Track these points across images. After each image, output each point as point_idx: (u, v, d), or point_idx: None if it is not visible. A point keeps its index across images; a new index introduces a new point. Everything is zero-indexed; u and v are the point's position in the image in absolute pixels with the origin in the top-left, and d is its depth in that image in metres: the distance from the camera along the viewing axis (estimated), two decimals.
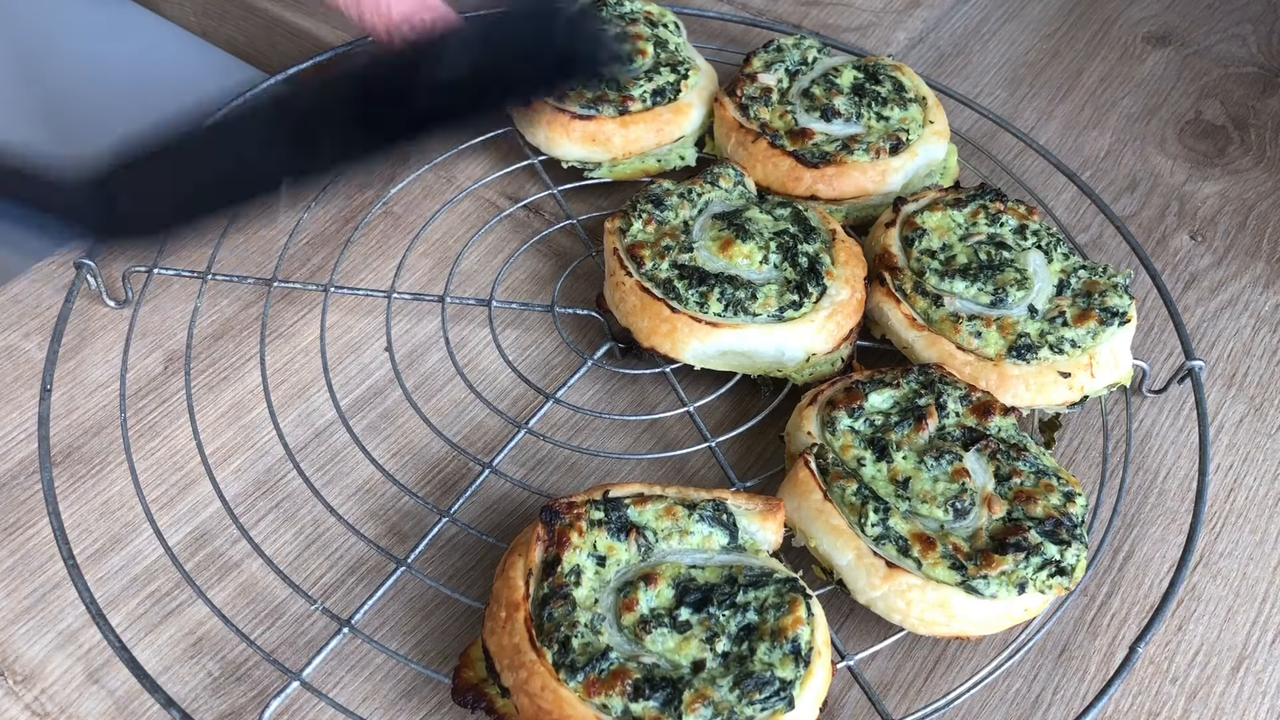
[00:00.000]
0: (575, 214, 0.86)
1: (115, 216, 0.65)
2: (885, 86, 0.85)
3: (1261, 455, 0.78)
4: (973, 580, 0.60)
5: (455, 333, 0.80)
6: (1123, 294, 0.73)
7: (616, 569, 0.59)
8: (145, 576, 0.67)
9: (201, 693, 0.62)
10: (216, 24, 1.13)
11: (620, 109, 0.84)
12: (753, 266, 0.73)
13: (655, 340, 0.72)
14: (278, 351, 0.78)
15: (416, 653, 0.65)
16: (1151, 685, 0.66)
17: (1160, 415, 0.79)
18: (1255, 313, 0.86)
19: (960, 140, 0.94)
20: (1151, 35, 1.10)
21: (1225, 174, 0.97)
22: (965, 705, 0.65)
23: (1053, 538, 0.61)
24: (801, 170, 0.81)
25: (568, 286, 0.83)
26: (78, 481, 0.71)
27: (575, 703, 0.54)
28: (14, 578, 0.66)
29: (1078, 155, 0.98)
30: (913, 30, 1.09)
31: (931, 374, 0.69)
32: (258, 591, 0.67)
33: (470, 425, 0.75)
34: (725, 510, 0.62)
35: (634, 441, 0.76)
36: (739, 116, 0.85)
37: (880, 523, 0.62)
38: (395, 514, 0.71)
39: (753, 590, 0.58)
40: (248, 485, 0.71)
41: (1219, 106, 1.03)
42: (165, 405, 0.75)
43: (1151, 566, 0.71)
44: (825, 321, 0.72)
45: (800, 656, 0.55)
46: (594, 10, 0.89)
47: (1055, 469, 0.66)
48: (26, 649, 0.64)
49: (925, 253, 0.76)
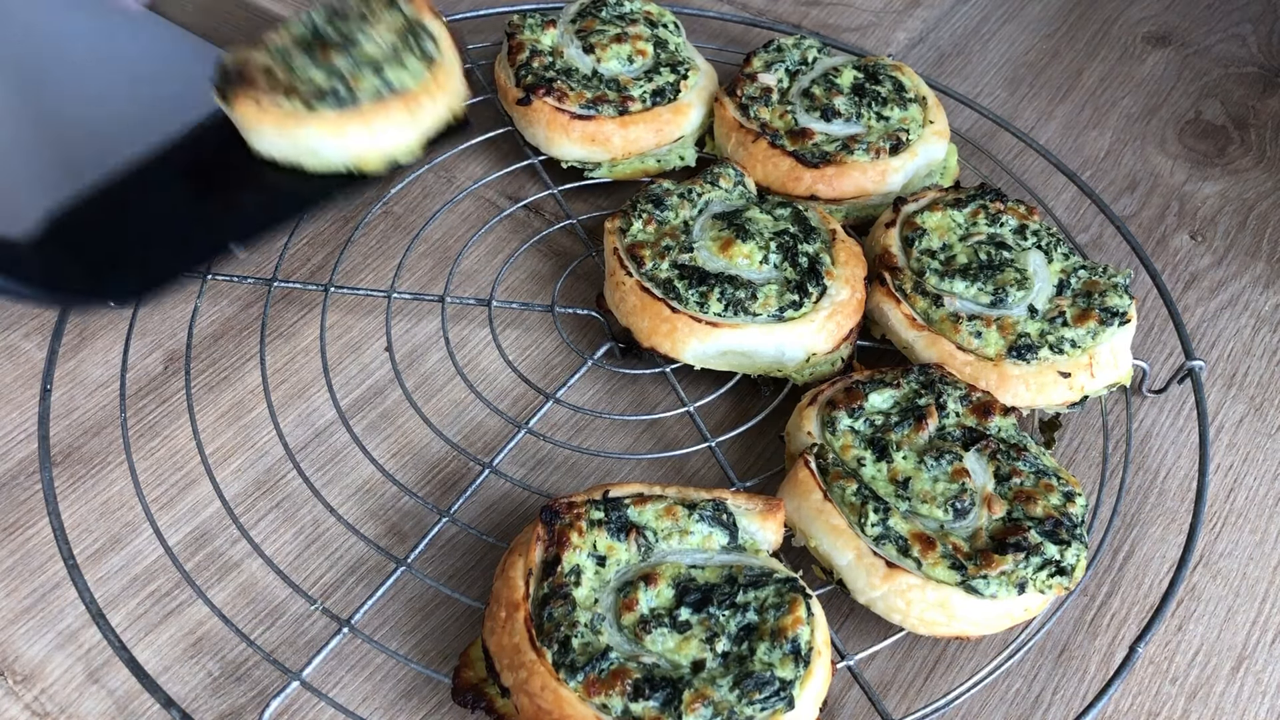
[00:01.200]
0: (575, 214, 0.86)
1: (70, 278, 0.67)
2: (885, 86, 0.85)
3: (1261, 455, 0.78)
4: (973, 580, 0.60)
5: (455, 333, 0.80)
6: (1123, 294, 0.73)
7: (616, 569, 0.59)
8: (145, 576, 0.67)
9: (201, 693, 0.62)
10: (216, 24, 1.13)
11: (620, 109, 0.84)
12: (753, 266, 0.73)
13: (655, 340, 0.72)
14: (278, 351, 0.78)
15: (416, 653, 0.65)
16: (1151, 685, 0.66)
17: (1160, 415, 0.79)
18: (1255, 313, 0.86)
19: (960, 140, 0.94)
20: (1151, 35, 1.10)
21: (1225, 174, 0.97)
22: (965, 705, 0.65)
23: (1053, 538, 0.61)
24: (801, 170, 0.81)
25: (568, 286, 0.83)
26: (78, 481, 0.71)
27: (575, 703, 0.54)
28: (14, 578, 0.66)
29: (1078, 155, 0.98)
30: (913, 30, 1.09)
31: (931, 374, 0.69)
32: (258, 591, 0.67)
33: (470, 425, 0.75)
34: (725, 510, 0.62)
35: (634, 441, 0.76)
36: (739, 116, 0.85)
37: (880, 523, 0.62)
38: (395, 514, 0.71)
39: (753, 590, 0.58)
40: (248, 485, 0.71)
41: (1219, 106, 1.03)
42: (165, 405, 0.75)
43: (1151, 566, 0.71)
44: (825, 321, 0.72)
45: (800, 656, 0.55)
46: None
47: (1055, 469, 0.66)
48: (26, 649, 0.64)
49: (925, 253, 0.76)
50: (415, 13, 0.83)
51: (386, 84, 0.77)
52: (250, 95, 0.75)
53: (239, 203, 0.76)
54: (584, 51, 0.87)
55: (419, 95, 0.78)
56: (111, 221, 0.75)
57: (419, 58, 0.80)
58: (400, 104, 0.77)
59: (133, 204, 0.76)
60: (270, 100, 0.75)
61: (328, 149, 0.76)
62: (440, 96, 0.79)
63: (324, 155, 0.76)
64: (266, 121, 0.75)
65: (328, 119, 0.75)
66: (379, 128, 0.76)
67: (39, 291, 0.69)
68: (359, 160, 0.77)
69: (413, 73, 0.79)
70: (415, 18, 0.82)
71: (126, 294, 0.71)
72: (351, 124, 0.76)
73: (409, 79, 0.78)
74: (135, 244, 0.73)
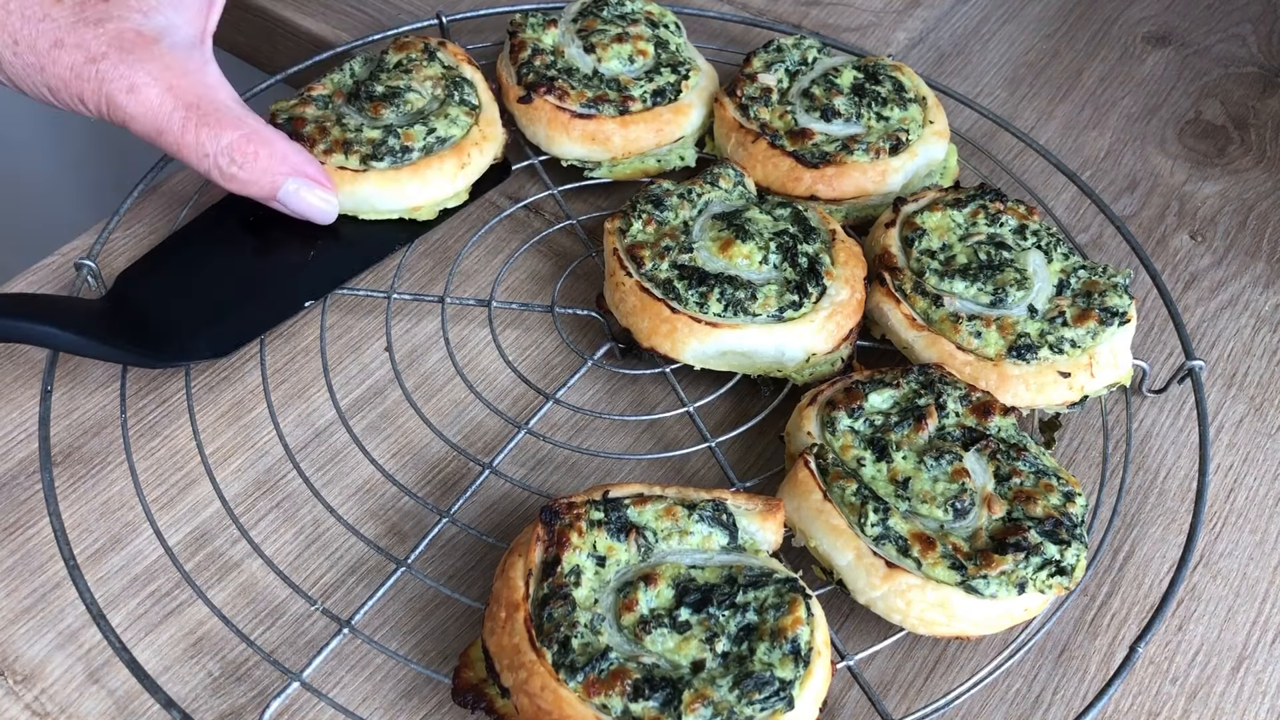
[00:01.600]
0: (575, 214, 0.86)
1: (142, 337, 0.70)
2: (885, 86, 0.85)
3: (1261, 455, 0.78)
4: (973, 580, 0.60)
5: (455, 333, 0.80)
6: (1122, 294, 0.73)
7: (616, 569, 0.59)
8: (145, 576, 0.67)
9: (201, 693, 0.62)
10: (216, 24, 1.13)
11: (620, 109, 0.84)
12: (753, 267, 0.73)
13: (655, 340, 0.72)
14: (278, 351, 0.78)
15: (416, 653, 0.65)
16: (1151, 685, 0.66)
17: (1160, 415, 0.79)
18: (1255, 313, 0.86)
19: (960, 140, 0.94)
20: (1151, 35, 1.10)
21: (1225, 174, 0.97)
22: (965, 705, 0.65)
23: (1053, 538, 0.61)
24: (801, 170, 0.81)
25: (568, 286, 0.83)
26: (78, 481, 0.71)
27: (575, 703, 0.54)
28: (14, 578, 0.66)
29: (1078, 155, 0.98)
30: (913, 30, 1.09)
31: (931, 374, 0.69)
32: (258, 591, 0.67)
33: (470, 425, 0.75)
34: (725, 510, 0.62)
35: (634, 441, 0.76)
36: (739, 117, 0.85)
37: (880, 523, 0.62)
38: (395, 514, 0.71)
39: (752, 590, 0.58)
40: (248, 485, 0.71)
41: (1219, 106, 1.03)
42: (165, 405, 0.75)
43: (1151, 566, 0.71)
44: (825, 321, 0.72)
45: (800, 656, 0.55)
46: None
47: (1055, 469, 0.66)
48: (26, 649, 0.64)
49: (925, 253, 0.76)
50: (453, 60, 0.85)
51: (436, 135, 0.80)
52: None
53: (305, 258, 0.78)
54: (585, 51, 0.87)
55: (467, 146, 0.81)
56: (181, 279, 0.77)
57: (463, 108, 0.82)
58: (453, 156, 0.80)
59: (200, 261, 0.78)
60: (326, 158, 0.78)
61: (383, 201, 0.79)
62: (486, 146, 0.82)
63: (379, 206, 0.79)
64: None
65: (384, 175, 0.78)
66: (432, 179, 0.79)
67: (112, 350, 0.70)
68: (412, 210, 0.80)
69: (458, 123, 0.81)
70: (454, 66, 0.85)
71: (203, 354, 0.74)
72: (406, 178, 0.78)
73: (456, 129, 0.81)
74: (207, 303, 0.76)
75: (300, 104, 0.82)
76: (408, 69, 0.83)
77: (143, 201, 0.86)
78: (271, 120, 0.80)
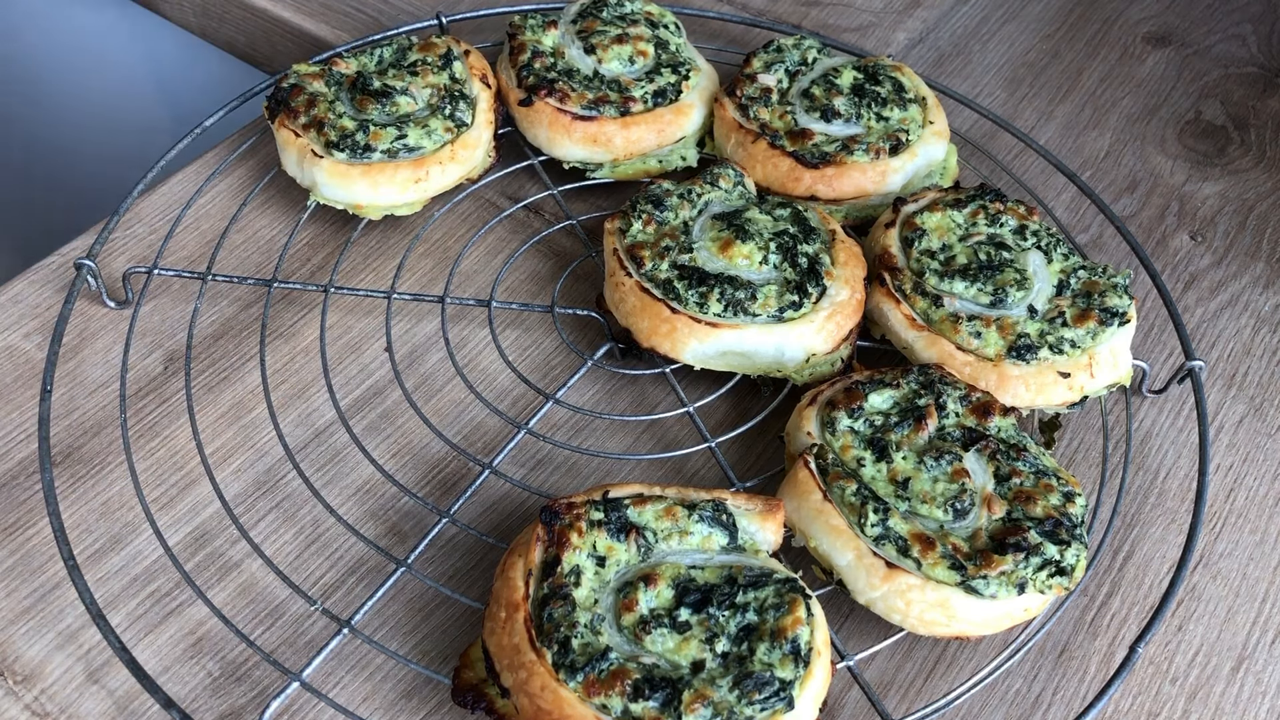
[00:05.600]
0: (575, 214, 0.86)
1: None
2: (885, 87, 0.85)
3: (1261, 455, 0.78)
4: (972, 580, 0.60)
5: (455, 333, 0.80)
6: (1122, 294, 0.73)
7: (616, 569, 0.59)
8: (145, 576, 0.67)
9: (201, 693, 0.62)
10: (216, 24, 1.13)
11: (622, 110, 0.84)
12: (752, 267, 0.73)
13: (655, 340, 0.72)
14: (278, 352, 0.78)
15: (416, 653, 0.65)
16: (1151, 685, 0.66)
17: (1160, 415, 0.79)
18: (1255, 313, 0.86)
19: (960, 140, 0.94)
20: (1151, 35, 1.10)
21: (1225, 174, 0.97)
22: (965, 705, 0.65)
23: (1052, 538, 0.61)
24: (801, 171, 0.81)
25: (568, 287, 0.83)
26: (78, 481, 0.71)
27: (575, 703, 0.54)
28: (14, 578, 0.66)
29: (1078, 155, 0.98)
30: (913, 30, 1.09)
31: (931, 374, 0.69)
32: (258, 591, 0.67)
33: (470, 425, 0.75)
34: (725, 511, 0.62)
35: (634, 442, 0.76)
36: (739, 117, 0.85)
37: (880, 523, 0.62)
38: (395, 514, 0.71)
39: (752, 590, 0.58)
40: (248, 485, 0.71)
41: (1219, 106, 1.03)
42: (165, 405, 0.75)
43: (1151, 566, 0.71)
44: (825, 322, 0.72)
45: (800, 657, 0.55)
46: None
47: (1055, 469, 0.66)
48: (26, 649, 0.64)
49: (925, 253, 0.76)
50: (466, 75, 0.86)
51: (404, 143, 0.80)
52: (287, 124, 0.81)
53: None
54: (585, 52, 0.87)
55: (429, 162, 0.81)
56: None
57: (447, 123, 0.82)
58: (410, 168, 0.80)
59: None
60: (303, 131, 0.80)
61: (330, 190, 0.80)
62: (451, 166, 0.82)
63: (325, 194, 0.80)
64: (290, 149, 0.81)
65: (336, 167, 0.79)
66: (381, 184, 0.79)
67: None
68: (356, 206, 0.81)
69: (433, 137, 0.81)
70: (463, 80, 0.85)
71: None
72: (356, 177, 0.79)
73: (427, 142, 0.81)
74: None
75: (314, 75, 0.84)
76: (415, 71, 0.84)
77: (143, 201, 0.87)
78: (283, 80, 0.83)
